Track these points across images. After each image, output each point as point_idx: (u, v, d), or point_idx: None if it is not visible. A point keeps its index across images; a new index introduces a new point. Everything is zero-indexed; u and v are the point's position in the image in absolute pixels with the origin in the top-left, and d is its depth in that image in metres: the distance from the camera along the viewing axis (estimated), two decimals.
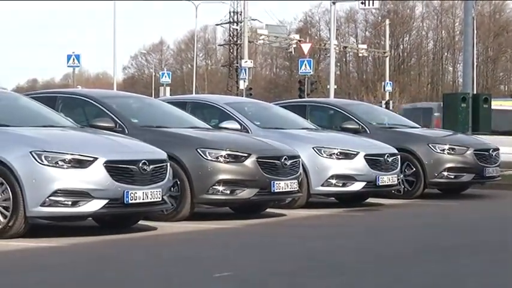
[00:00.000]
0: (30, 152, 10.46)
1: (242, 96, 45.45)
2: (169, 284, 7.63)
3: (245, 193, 12.67)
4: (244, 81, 55.42)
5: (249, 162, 12.73)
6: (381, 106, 43.90)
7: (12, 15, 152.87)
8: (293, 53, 68.31)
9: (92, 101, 13.81)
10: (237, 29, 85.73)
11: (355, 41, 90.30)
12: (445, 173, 16.95)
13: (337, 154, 14.84)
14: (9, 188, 10.36)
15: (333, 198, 15.54)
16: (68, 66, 47.82)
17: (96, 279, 7.88)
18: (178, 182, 12.34)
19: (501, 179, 18.31)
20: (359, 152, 15.02)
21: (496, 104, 25.72)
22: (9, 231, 10.37)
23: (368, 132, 16.98)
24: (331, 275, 8.19)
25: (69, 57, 46.20)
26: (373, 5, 46.82)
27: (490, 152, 17.58)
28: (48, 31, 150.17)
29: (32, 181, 10.34)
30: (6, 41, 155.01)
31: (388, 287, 7.56)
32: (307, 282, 7.76)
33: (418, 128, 19.04)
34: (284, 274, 8.28)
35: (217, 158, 12.62)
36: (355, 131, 16.78)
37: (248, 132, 14.83)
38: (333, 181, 14.70)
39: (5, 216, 10.39)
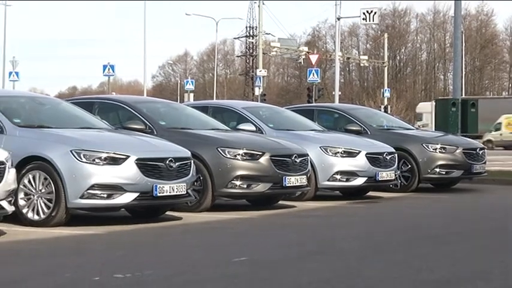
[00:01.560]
0: (71, 151, 10.48)
1: (257, 101, 45.43)
2: (194, 267, 7.62)
3: (260, 187, 12.67)
4: (259, 88, 55.42)
5: (264, 159, 12.73)
6: (380, 110, 43.81)
7: (54, 30, 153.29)
8: (302, 63, 68.26)
9: (125, 106, 13.82)
10: (252, 42, 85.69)
11: (357, 52, 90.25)
12: (437, 170, 16.94)
13: (341, 153, 14.83)
14: (52, 183, 10.40)
15: (338, 191, 15.51)
16: (104, 75, 47.93)
17: (128, 262, 7.88)
18: (201, 177, 12.34)
19: (487, 175, 18.27)
20: (361, 151, 15.01)
21: None
22: (53, 220, 10.40)
23: (369, 133, 16.97)
24: (336, 260, 8.17)
25: (105, 67, 46.30)
26: (373, 21, 46.80)
27: (477, 150, 17.59)
28: (87, 44, 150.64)
29: (72, 176, 10.36)
30: (50, 53, 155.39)
31: (388, 270, 7.53)
32: (314, 266, 7.75)
33: (413, 129, 19.06)
34: (294, 259, 8.27)
35: (235, 156, 12.61)
36: (357, 132, 16.77)
37: (262, 133, 14.83)
38: (338, 176, 14.68)
39: (48, 207, 10.43)
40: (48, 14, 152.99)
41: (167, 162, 10.92)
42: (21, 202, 10.47)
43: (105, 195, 10.47)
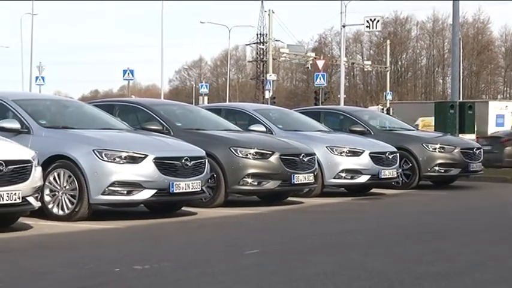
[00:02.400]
0: (93, 150, 10.50)
1: (267, 104, 45.40)
2: (208, 259, 7.62)
3: (270, 184, 12.66)
4: (269, 91, 55.37)
5: (273, 158, 12.72)
6: (383, 112, 43.69)
7: (77, 37, 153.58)
8: (309, 68, 68.12)
9: (143, 108, 13.84)
10: (263, 48, 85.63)
11: (361, 58, 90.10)
12: (437, 168, 16.92)
13: (346, 152, 14.81)
14: (75, 180, 10.42)
15: (343, 188, 15.49)
16: (124, 79, 48.03)
17: (146, 254, 7.89)
18: (215, 175, 12.34)
19: (483, 173, 18.24)
20: (365, 150, 14.99)
21: None
22: (76, 215, 10.43)
23: (372, 134, 16.95)
24: (341, 253, 8.16)
25: (124, 71, 46.38)
26: (376, 28, 46.73)
27: (474, 150, 17.57)
28: (108, 50, 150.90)
29: (94, 174, 10.38)
30: (74, 59, 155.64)
31: (390, 263, 7.52)
32: (321, 258, 7.74)
33: (413, 130, 19.03)
34: (302, 252, 8.26)
35: (246, 155, 12.61)
36: (361, 133, 16.75)
37: (272, 134, 14.82)
38: (343, 174, 14.68)
39: (72, 203, 10.45)
40: (72, 21, 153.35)
41: (183, 161, 10.93)
42: (47, 198, 10.50)
43: (125, 192, 10.49)
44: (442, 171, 17.01)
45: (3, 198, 8.89)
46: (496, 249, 8.54)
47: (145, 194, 10.56)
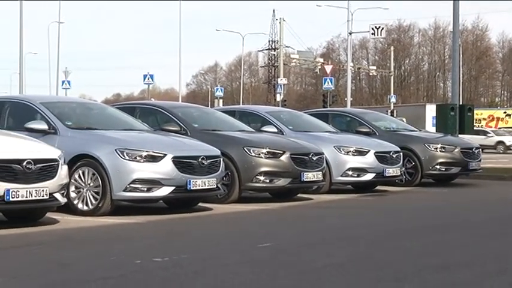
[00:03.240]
0: (115, 150, 10.51)
1: (278, 106, 45.40)
2: (223, 252, 7.62)
3: (281, 182, 12.65)
4: (280, 94, 55.41)
5: (284, 157, 12.70)
6: (387, 114, 43.63)
7: (101, 44, 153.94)
8: (318, 72, 68.18)
9: (162, 110, 13.85)
10: (274, 54, 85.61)
11: (366, 63, 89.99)
12: (438, 167, 16.87)
13: (353, 151, 14.79)
14: (99, 177, 10.43)
15: (350, 186, 15.46)
16: (144, 83, 48.12)
17: (166, 247, 7.89)
18: (229, 173, 12.34)
19: (482, 171, 18.17)
20: (370, 150, 14.97)
21: None
22: (99, 210, 10.44)
23: (377, 134, 16.92)
24: (348, 246, 8.15)
25: (145, 76, 46.48)
26: (380, 35, 46.71)
27: (473, 150, 17.52)
28: (129, 56, 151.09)
29: (116, 172, 10.39)
30: (97, 64, 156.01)
31: (394, 255, 7.50)
32: (329, 251, 7.73)
33: (416, 131, 18.97)
34: (312, 245, 8.25)
35: (259, 154, 12.59)
36: (367, 134, 16.72)
37: (283, 134, 14.81)
38: (350, 172, 14.66)
39: (96, 199, 10.47)
40: (97, 29, 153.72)
41: (199, 159, 10.93)
42: (72, 194, 10.52)
43: (145, 189, 10.49)
44: (443, 169, 16.96)
45: (32, 195, 8.91)
46: (495, 243, 8.50)
47: (164, 191, 10.56)
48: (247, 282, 6.10)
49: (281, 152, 12.73)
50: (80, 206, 10.55)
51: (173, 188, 10.59)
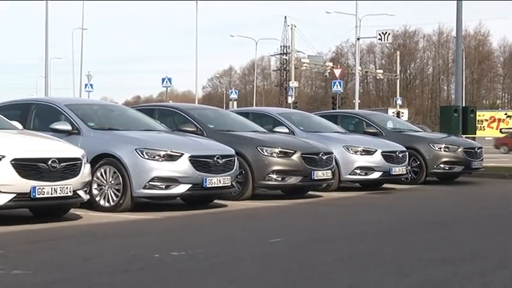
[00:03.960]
0: (135, 149, 10.53)
1: (290, 108, 45.35)
2: (237, 246, 7.62)
3: (292, 180, 12.63)
4: (292, 97, 55.34)
5: (295, 157, 12.69)
6: (393, 115, 43.51)
7: (122, 49, 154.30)
8: (328, 76, 68.03)
9: (180, 112, 13.86)
10: (286, 59, 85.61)
11: (374, 67, 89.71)
12: (442, 165, 16.82)
13: (360, 151, 14.76)
14: (120, 176, 10.46)
15: (358, 184, 15.43)
16: (163, 86, 48.28)
17: (183, 242, 7.89)
18: (243, 172, 12.34)
19: (484, 170, 18.10)
20: (377, 150, 14.93)
21: None
22: (120, 206, 10.46)
23: (384, 134, 16.87)
24: (356, 241, 8.11)
25: (163, 79, 46.59)
26: (387, 40, 46.59)
27: (476, 149, 17.45)
28: (148, 61, 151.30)
29: (136, 170, 10.41)
30: (118, 68, 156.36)
31: (400, 250, 7.47)
32: (338, 246, 7.71)
33: (421, 131, 18.93)
34: (321, 240, 8.23)
35: (271, 154, 12.58)
36: (374, 134, 16.68)
37: (294, 135, 14.79)
38: (358, 171, 14.63)
39: (117, 196, 10.50)
40: (117, 35, 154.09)
41: (215, 158, 10.93)
42: (95, 191, 10.55)
43: (164, 186, 10.50)
44: (447, 168, 16.90)
45: (56, 192, 8.94)
46: (497, 238, 8.45)
47: (182, 188, 10.57)
48: (260, 276, 6.09)
49: (292, 152, 12.71)
50: (101, 202, 10.57)
51: (190, 185, 10.59)
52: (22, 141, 9.42)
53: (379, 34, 45.65)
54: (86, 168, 9.49)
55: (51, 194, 8.89)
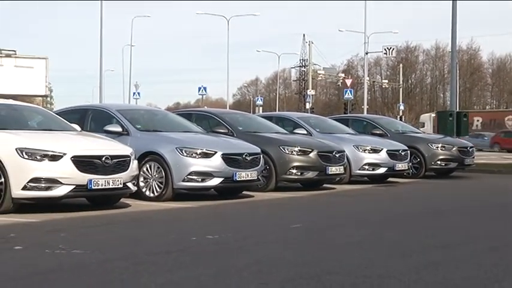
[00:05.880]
0: (176, 148, 10.56)
1: (308, 112, 45.23)
2: (262, 231, 7.60)
3: (310, 174, 12.60)
4: (309, 103, 55.15)
5: (313, 154, 12.65)
6: (397, 119, 43.23)
7: (164, 61, 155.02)
8: (340, 85, 67.72)
9: (213, 116, 13.88)
10: (304, 70, 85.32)
11: (380, 77, 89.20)
12: (439, 162, 16.71)
13: (369, 150, 14.69)
14: (163, 170, 10.49)
15: (366, 178, 15.34)
16: (199, 94, 48.22)
17: (215, 227, 7.89)
18: (267, 167, 12.32)
19: (475, 166, 17.94)
20: (383, 148, 14.86)
21: None
22: (163, 197, 10.49)
23: (388, 136, 16.77)
24: (364, 227, 8.07)
25: (199, 88, 46.59)
26: (391, 54, 46.33)
27: (468, 148, 17.33)
28: (187, 72, 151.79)
29: (176, 166, 10.44)
30: (163, 78, 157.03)
31: (403, 236, 7.41)
32: (348, 231, 7.66)
33: (420, 133, 18.81)
34: (335, 226, 8.19)
35: (292, 152, 12.56)
36: (380, 135, 16.58)
37: (311, 136, 14.74)
38: (366, 167, 14.57)
39: (160, 188, 10.53)
40: (161, 50, 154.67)
41: (243, 156, 10.93)
42: (141, 184, 10.59)
43: (200, 180, 10.52)
44: (443, 164, 16.78)
45: (109, 184, 9.00)
46: (488, 225, 8.36)
47: (215, 181, 10.58)
48: (282, 256, 6.07)
49: (310, 150, 12.67)
50: (147, 193, 10.61)
51: (222, 179, 10.61)
52: (80, 141, 9.49)
53: (385, 49, 45.43)
54: (134, 164, 9.54)
55: (105, 185, 8.95)
